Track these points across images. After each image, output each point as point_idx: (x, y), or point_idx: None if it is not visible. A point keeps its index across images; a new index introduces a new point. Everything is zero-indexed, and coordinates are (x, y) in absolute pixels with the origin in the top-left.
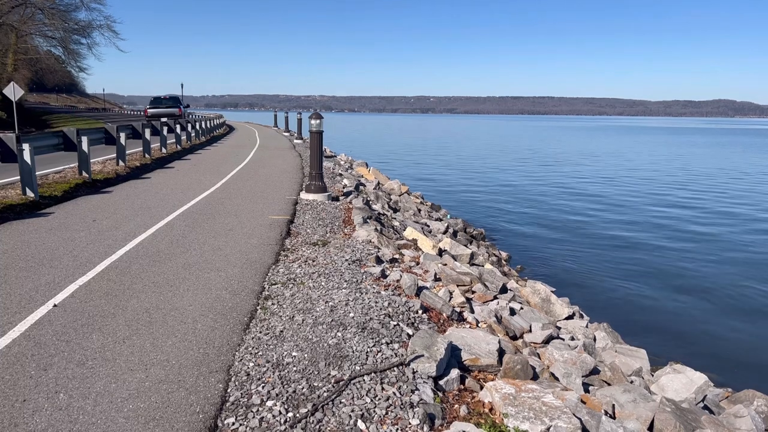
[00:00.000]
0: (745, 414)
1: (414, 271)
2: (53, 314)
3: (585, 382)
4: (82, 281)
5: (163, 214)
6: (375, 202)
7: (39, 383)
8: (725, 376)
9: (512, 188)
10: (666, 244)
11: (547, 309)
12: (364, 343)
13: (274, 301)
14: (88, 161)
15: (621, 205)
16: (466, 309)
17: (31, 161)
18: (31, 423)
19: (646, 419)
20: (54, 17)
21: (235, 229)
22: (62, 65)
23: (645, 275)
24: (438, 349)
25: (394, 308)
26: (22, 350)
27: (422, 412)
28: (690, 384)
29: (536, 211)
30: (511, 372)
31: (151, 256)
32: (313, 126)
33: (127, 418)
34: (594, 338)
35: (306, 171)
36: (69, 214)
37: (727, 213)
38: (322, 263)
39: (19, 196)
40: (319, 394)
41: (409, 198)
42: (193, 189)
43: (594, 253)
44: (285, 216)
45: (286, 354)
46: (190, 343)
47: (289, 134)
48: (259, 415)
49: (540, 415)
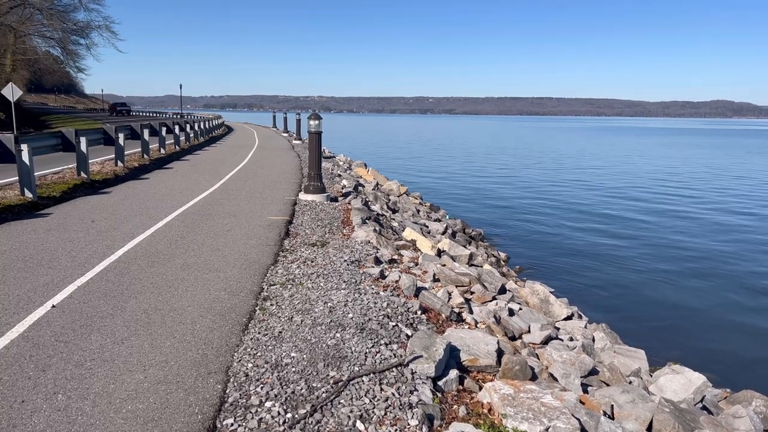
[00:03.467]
0: (743, 414)
1: (413, 271)
2: (52, 315)
3: (584, 383)
4: (81, 282)
5: (161, 215)
6: (374, 203)
7: (37, 384)
8: (724, 376)
9: (511, 189)
10: (665, 245)
11: (545, 310)
12: (363, 344)
13: (272, 301)
14: (86, 162)
15: (620, 206)
16: (465, 310)
17: (30, 162)
18: (30, 424)
19: (644, 420)
20: (52, 18)
21: (234, 229)
22: (61, 66)
23: (644, 276)
24: (437, 350)
25: (393, 309)
26: (21, 351)
27: (421, 413)
28: (689, 384)
29: (535, 212)
30: (509, 372)
31: (150, 256)
32: (311, 126)
33: (125, 419)
34: (593, 339)
35: (305, 172)
36: (67, 215)
37: (726, 213)
38: (320, 264)
39: (18, 197)
40: (318, 394)
41: (408, 199)
42: (191, 190)
43: (593, 254)
44: (284, 217)
45: (285, 355)
46: (189, 344)
47: (287, 135)
48: (257, 416)
49: (539, 415)
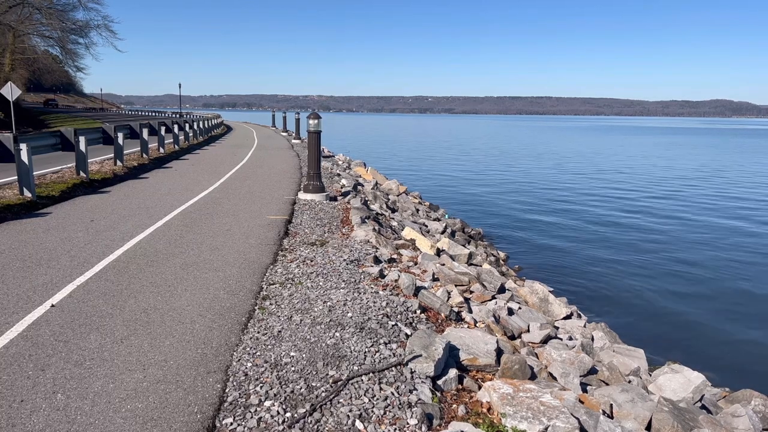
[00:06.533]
0: (742, 413)
1: (412, 271)
2: (51, 314)
3: (583, 382)
4: (80, 281)
5: (161, 214)
6: (373, 202)
7: (37, 383)
8: (723, 375)
9: (511, 188)
10: (664, 245)
11: (545, 309)
12: (362, 343)
13: (272, 301)
14: (85, 161)
15: (619, 206)
16: (464, 309)
17: (29, 161)
18: (29, 423)
19: (643, 419)
20: (51, 17)
21: (233, 229)
22: (60, 65)
23: (643, 275)
24: (436, 349)
25: (392, 308)
26: (20, 350)
27: (420, 412)
28: (688, 384)
29: (534, 211)
30: (509, 372)
31: (149, 256)
32: (311, 126)
33: (125, 418)
34: (592, 338)
35: (304, 171)
36: (67, 214)
37: (726, 214)
38: (320, 263)
39: (17, 196)
40: (318, 394)
41: (407, 198)
42: (191, 189)
43: (592, 253)
44: (283, 216)
45: (284, 354)
46: (188, 344)
47: (287, 134)
48: (257, 415)
49: (538, 414)
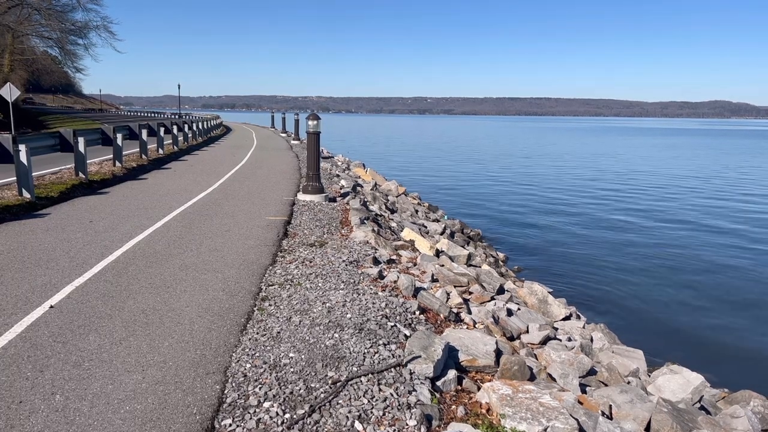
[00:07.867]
0: (741, 414)
1: (411, 272)
2: (50, 315)
3: (582, 383)
4: (79, 282)
5: (160, 215)
6: (372, 203)
7: (35, 385)
8: (722, 376)
9: (510, 189)
10: (664, 246)
11: (544, 310)
12: (361, 344)
13: (271, 302)
14: (84, 162)
15: (617, 207)
16: (464, 310)
17: (28, 162)
18: (27, 425)
19: (643, 420)
20: (51, 18)
21: (232, 230)
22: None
23: (642, 276)
24: (435, 350)
25: (392, 309)
26: (18, 352)
27: (419, 413)
28: (687, 384)
29: (533, 212)
30: (508, 373)
31: (148, 257)
32: (310, 127)
33: (123, 419)
34: (591, 339)
35: (303, 172)
36: (65, 215)
37: (724, 215)
38: (319, 264)
39: (16, 197)
40: (317, 395)
41: (406, 199)
42: (190, 190)
43: (591, 254)
44: (282, 217)
45: (283, 355)
46: (187, 345)
47: (286, 135)
48: (256, 416)
49: (537, 415)
